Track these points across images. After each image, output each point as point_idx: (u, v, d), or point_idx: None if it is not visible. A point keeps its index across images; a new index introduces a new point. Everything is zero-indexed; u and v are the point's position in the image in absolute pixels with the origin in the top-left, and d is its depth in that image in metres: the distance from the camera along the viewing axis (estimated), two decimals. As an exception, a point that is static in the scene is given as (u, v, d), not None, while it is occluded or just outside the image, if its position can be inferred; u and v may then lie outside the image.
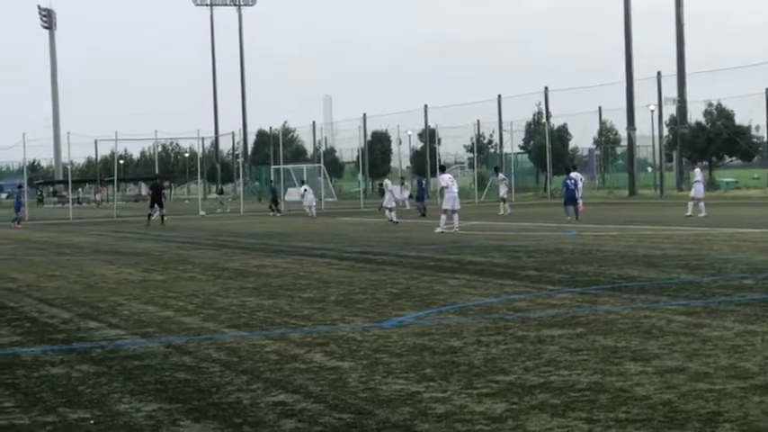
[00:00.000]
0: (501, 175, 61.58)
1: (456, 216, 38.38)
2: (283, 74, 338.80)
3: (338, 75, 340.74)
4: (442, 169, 43.97)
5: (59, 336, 14.61)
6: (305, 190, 61.28)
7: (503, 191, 58.76)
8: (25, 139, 78.52)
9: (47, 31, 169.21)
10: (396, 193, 53.68)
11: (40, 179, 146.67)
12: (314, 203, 61.51)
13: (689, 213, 43.27)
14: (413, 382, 10.49)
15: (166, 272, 24.52)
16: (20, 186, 69.93)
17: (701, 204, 44.20)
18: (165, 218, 54.69)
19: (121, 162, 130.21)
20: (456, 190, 39.48)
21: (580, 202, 46.02)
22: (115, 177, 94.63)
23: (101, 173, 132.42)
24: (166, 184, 67.06)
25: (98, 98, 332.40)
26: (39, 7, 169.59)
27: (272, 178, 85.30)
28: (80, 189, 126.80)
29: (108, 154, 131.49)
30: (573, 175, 47.65)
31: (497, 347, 12.38)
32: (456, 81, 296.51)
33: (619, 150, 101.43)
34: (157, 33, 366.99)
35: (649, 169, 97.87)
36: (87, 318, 16.44)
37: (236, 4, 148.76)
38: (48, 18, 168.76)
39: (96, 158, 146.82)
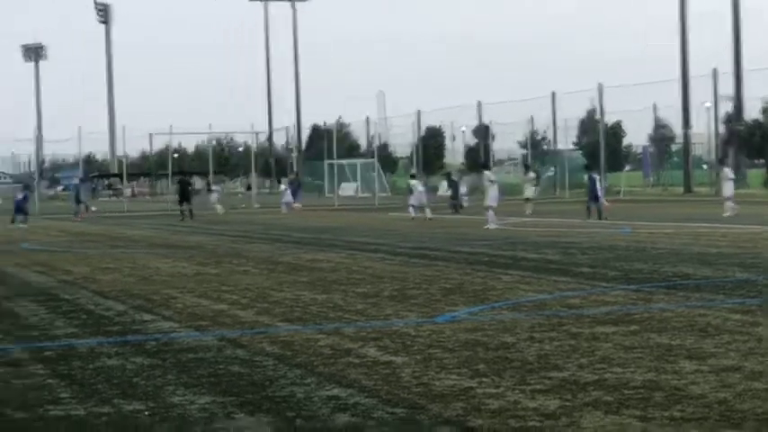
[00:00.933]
0: (531, 174, 57.16)
1: (491, 213, 38.19)
2: (338, 69, 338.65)
3: (392, 71, 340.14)
4: (485, 167, 43.99)
5: (114, 328, 14.71)
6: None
7: (529, 191, 53.50)
8: (81, 133, 79.24)
9: (103, 26, 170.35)
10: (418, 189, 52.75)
11: (95, 172, 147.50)
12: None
13: (728, 213, 42.13)
14: (466, 377, 10.48)
15: (220, 265, 24.61)
16: (82, 180, 70.52)
17: (730, 203, 43.18)
18: (194, 212, 54.85)
19: (176, 156, 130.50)
20: (497, 187, 39.76)
21: (603, 200, 45.96)
22: (169, 171, 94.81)
23: (155, 166, 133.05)
24: (192, 179, 67.00)
25: (153, 92, 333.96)
26: (95, 2, 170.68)
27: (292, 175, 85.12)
28: (134, 182, 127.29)
29: (162, 148, 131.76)
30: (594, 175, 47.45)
31: (551, 344, 12.34)
32: (510, 78, 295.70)
33: (674, 148, 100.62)
34: (212, 28, 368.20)
35: (704, 167, 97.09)
36: (142, 310, 16.53)
37: (290, 0, 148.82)
38: (104, 13, 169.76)
39: (151, 152, 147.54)
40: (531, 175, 56.81)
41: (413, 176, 58.84)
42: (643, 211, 46.19)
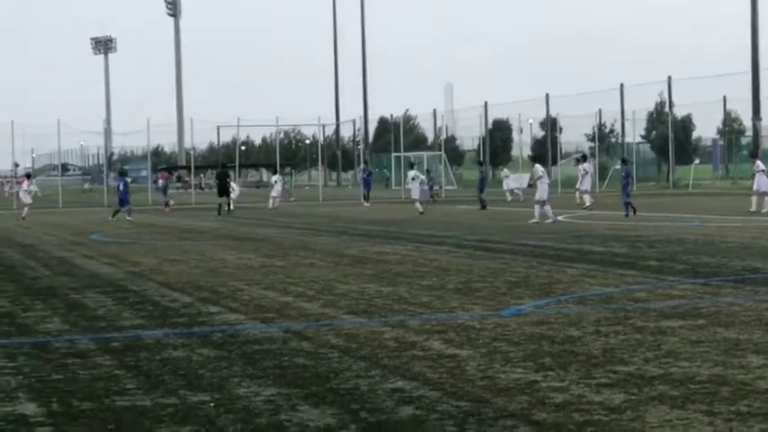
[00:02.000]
0: (585, 165, 52.52)
1: (548, 207, 37.95)
2: (405, 62, 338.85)
3: (460, 63, 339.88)
4: (535, 159, 43.89)
5: (181, 319, 14.80)
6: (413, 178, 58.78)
7: (586, 183, 51.25)
8: (149, 125, 79.77)
9: (172, 19, 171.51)
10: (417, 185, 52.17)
11: (163, 164, 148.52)
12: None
13: (753, 209, 41.17)
14: (531, 371, 10.46)
15: (286, 258, 24.70)
16: (170, 171, 71.13)
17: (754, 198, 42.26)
18: (232, 206, 54.85)
19: (243, 148, 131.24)
20: (548, 181, 39.61)
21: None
22: (236, 163, 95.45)
23: (223, 158, 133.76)
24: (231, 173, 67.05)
25: (221, 85, 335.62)
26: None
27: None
28: (202, 175, 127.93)
29: (230, 140, 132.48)
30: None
31: (616, 338, 12.28)
32: (578, 71, 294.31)
33: (743, 141, 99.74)
34: (281, 21, 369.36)
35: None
36: (208, 302, 16.63)
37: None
38: (173, 6, 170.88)
39: (218, 144, 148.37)
40: (586, 165, 52.89)
41: (411, 166, 57.85)
42: (712, 204, 45.78)
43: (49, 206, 65.27)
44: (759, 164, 43.13)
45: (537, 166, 41.38)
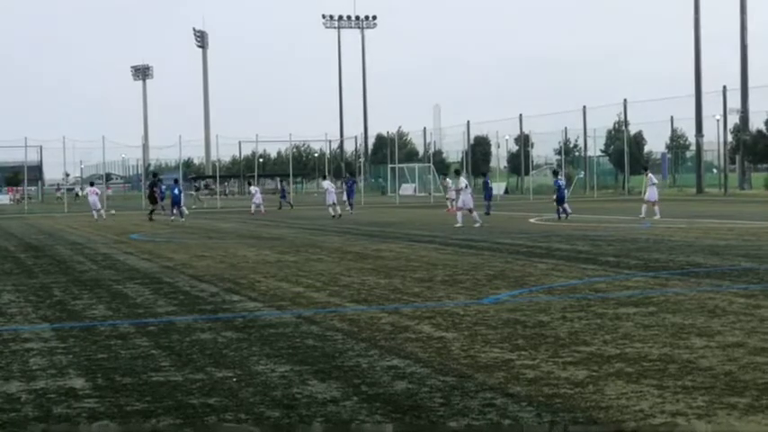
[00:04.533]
0: (561, 180, 46.51)
1: (476, 213, 37.07)
2: (399, 85, 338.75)
3: (446, 86, 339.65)
4: (458, 173, 43.29)
5: (208, 307, 14.79)
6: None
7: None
8: (181, 141, 79.87)
9: (200, 50, 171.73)
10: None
11: (192, 174, 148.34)
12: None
13: (642, 215, 39.70)
14: (507, 350, 10.45)
15: (298, 254, 24.67)
16: (195, 179, 70.75)
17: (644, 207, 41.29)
18: (155, 214, 52.60)
19: (261, 160, 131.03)
20: (470, 191, 38.02)
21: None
22: (256, 173, 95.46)
23: (243, 169, 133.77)
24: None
25: (242, 106, 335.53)
26: (194, 30, 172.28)
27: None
28: (226, 183, 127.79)
29: (250, 153, 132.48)
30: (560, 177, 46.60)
31: (580, 322, 12.27)
32: (547, 93, 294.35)
33: (688, 154, 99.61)
34: (292, 50, 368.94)
35: (714, 171, 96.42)
36: (231, 292, 16.61)
37: (359, 27, 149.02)
38: (201, 38, 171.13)
39: (240, 157, 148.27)
40: (562, 180, 51.06)
41: (324, 177, 57.02)
42: (661, 208, 45.69)
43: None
44: (651, 177, 41.98)
45: (461, 178, 39.61)
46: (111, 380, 9.43)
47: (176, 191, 48.69)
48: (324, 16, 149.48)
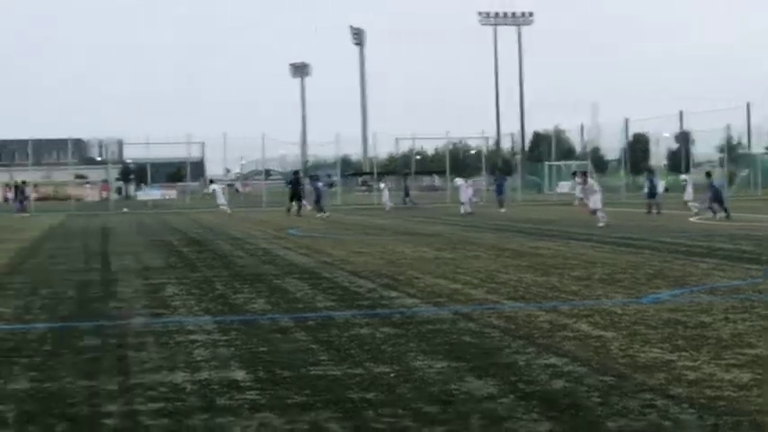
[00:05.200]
0: (590, 180, 41.83)
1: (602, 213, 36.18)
2: (556, 82, 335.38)
3: (603, 83, 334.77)
4: (585, 174, 42.01)
5: (366, 302, 14.90)
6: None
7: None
8: (339, 138, 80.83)
9: (357, 47, 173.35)
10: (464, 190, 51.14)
11: (350, 171, 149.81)
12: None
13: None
14: (667, 351, 10.27)
15: (455, 251, 24.68)
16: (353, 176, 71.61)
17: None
18: (303, 210, 52.85)
19: (418, 157, 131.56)
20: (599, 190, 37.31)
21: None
22: (412, 170, 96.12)
23: (401, 166, 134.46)
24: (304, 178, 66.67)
25: (400, 102, 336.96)
26: (351, 27, 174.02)
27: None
28: (383, 179, 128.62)
29: (407, 150, 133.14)
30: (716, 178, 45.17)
31: (743, 324, 11.97)
32: (708, 89, 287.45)
33: None
34: (449, 47, 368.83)
35: None
36: (389, 288, 16.71)
37: (516, 24, 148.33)
38: (358, 36, 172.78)
39: (397, 153, 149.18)
40: (683, 177, 48.90)
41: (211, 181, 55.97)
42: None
43: (254, 206, 66.37)
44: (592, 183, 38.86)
45: (591, 180, 39.04)
46: (271, 372, 9.59)
47: (320, 185, 49.97)
48: (480, 13, 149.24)
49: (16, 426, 7.79)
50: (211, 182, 66.27)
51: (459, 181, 54.64)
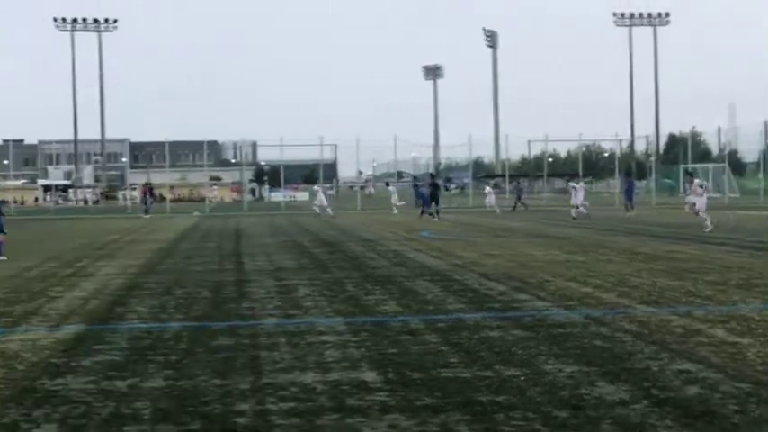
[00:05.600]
0: (696, 181, 40.10)
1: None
2: (692, 83, 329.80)
3: (741, 84, 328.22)
4: (691, 175, 41.03)
5: (496, 305, 14.85)
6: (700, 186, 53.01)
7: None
8: (471, 140, 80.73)
9: (490, 50, 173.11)
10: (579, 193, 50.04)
11: (482, 173, 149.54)
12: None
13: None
14: (807, 359, 10.00)
15: (586, 254, 24.43)
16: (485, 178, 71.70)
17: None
18: (440, 213, 52.38)
19: (550, 160, 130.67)
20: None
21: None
22: (545, 173, 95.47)
23: (533, 169, 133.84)
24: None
25: (532, 104, 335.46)
26: (484, 30, 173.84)
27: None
28: (515, 182, 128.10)
29: (539, 153, 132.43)
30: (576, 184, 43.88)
31: None
32: None
33: None
34: (582, 48, 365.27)
35: None
36: (519, 291, 16.62)
37: (651, 24, 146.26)
38: (491, 38, 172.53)
39: (529, 156, 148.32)
40: (697, 182, 45.46)
41: (387, 184, 56.11)
42: None
43: (384, 207, 66.65)
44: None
45: (696, 181, 38.16)
46: (401, 374, 9.62)
47: (422, 190, 51.07)
48: (615, 14, 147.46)
49: (151, 423, 7.96)
50: (387, 184, 67.91)
51: (572, 183, 53.71)
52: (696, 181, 38.07)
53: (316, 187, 63.66)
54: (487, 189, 62.22)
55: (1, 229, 25.30)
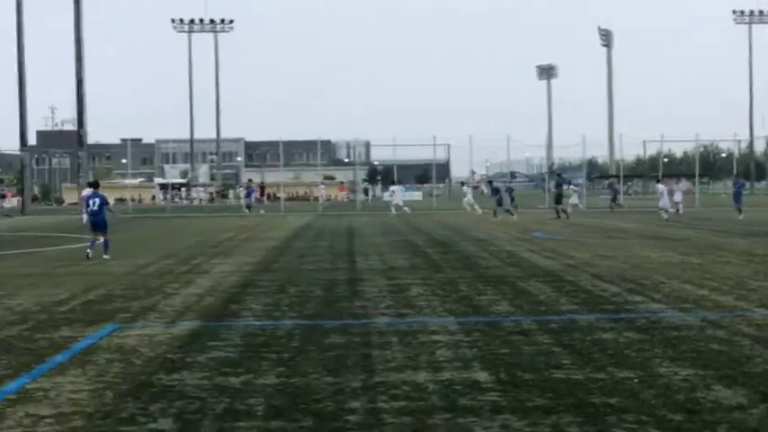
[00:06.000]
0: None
1: None
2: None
3: None
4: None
5: (609, 306, 14.71)
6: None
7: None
8: (585, 140, 79.92)
9: (605, 49, 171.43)
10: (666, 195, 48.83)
11: (596, 174, 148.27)
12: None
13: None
14: None
15: (703, 256, 24.03)
16: (599, 179, 71.13)
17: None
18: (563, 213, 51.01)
19: (666, 160, 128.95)
20: None
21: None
22: (660, 174, 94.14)
23: (648, 169, 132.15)
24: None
25: (647, 104, 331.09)
26: (599, 28, 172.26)
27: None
28: (629, 183, 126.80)
29: (654, 153, 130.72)
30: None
31: None
32: None
33: None
34: (700, 47, 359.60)
35: None
36: (633, 292, 16.43)
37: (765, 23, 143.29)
38: (606, 38, 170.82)
39: (644, 156, 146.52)
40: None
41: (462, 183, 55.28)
42: None
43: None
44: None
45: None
46: (512, 375, 9.59)
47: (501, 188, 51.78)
48: (735, 12, 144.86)
49: (264, 419, 8.06)
50: (462, 184, 68.09)
51: (660, 186, 52.57)
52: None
53: (393, 187, 64.35)
54: (573, 188, 61.83)
55: (105, 229, 25.75)
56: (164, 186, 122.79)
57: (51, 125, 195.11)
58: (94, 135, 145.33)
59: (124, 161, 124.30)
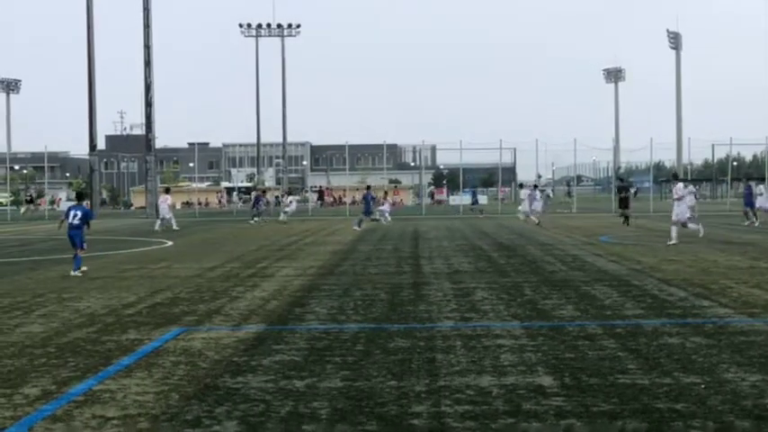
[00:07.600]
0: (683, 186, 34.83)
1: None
2: None
3: None
4: (675, 177, 38.52)
5: (676, 311, 14.58)
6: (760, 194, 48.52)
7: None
8: (652, 143, 79.35)
9: (673, 51, 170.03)
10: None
11: (663, 177, 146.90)
12: None
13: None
14: None
15: (772, 260, 23.74)
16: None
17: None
18: (630, 219, 48.68)
19: (735, 164, 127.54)
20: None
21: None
22: (728, 177, 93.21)
23: (716, 173, 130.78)
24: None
25: (716, 107, 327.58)
26: (667, 31, 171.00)
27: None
28: (698, 186, 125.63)
29: (723, 157, 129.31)
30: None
31: None
32: None
33: None
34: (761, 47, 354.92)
35: None
36: (700, 297, 16.27)
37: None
38: (675, 40, 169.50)
39: (712, 160, 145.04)
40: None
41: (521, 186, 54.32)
42: None
43: (564, 211, 66.12)
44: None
45: (679, 184, 33.67)
46: (577, 379, 9.54)
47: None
48: None
49: (329, 423, 8.09)
50: (521, 186, 68.00)
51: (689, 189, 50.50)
52: (759, 187, 36.63)
53: (523, 191, 65.24)
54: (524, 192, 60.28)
55: (81, 245, 23.58)
56: (230, 190, 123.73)
57: (120, 129, 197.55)
58: (162, 139, 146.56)
59: (191, 165, 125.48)
